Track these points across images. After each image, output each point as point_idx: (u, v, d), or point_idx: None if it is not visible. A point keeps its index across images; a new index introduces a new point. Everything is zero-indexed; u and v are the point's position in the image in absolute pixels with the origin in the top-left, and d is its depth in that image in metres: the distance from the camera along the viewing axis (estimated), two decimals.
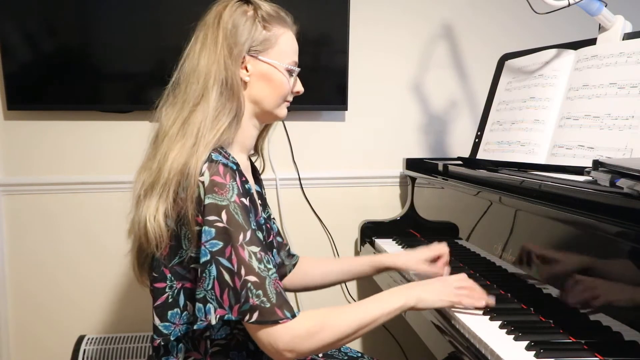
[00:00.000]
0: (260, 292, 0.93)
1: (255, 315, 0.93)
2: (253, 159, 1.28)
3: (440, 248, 1.33)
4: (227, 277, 0.94)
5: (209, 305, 0.95)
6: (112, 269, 1.96)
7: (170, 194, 0.97)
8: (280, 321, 0.93)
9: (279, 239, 1.34)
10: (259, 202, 1.20)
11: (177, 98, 1.05)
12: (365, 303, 1.04)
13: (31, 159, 1.89)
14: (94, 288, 1.96)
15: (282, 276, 1.33)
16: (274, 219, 1.33)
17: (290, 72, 1.11)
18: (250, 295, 0.93)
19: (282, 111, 1.14)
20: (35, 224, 1.92)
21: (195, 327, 0.97)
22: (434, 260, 1.32)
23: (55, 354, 1.94)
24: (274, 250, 1.24)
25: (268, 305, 0.93)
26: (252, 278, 0.94)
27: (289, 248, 1.37)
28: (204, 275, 0.95)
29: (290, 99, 1.15)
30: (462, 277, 1.13)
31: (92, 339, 1.84)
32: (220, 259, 0.94)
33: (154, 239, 0.98)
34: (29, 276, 1.93)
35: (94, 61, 1.84)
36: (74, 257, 1.94)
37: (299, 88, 1.16)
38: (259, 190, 1.26)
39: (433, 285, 1.11)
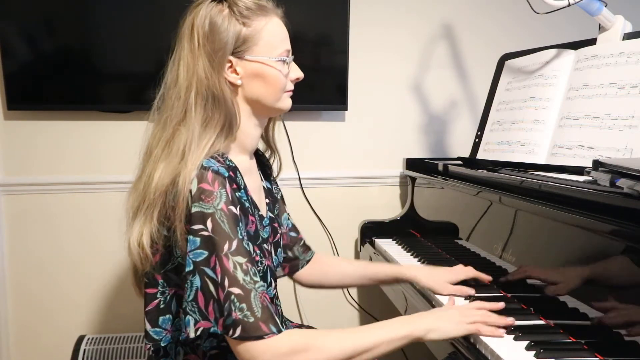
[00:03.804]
0: (244, 305, 0.89)
1: (238, 331, 0.89)
2: (268, 156, 1.25)
3: (467, 271, 1.27)
4: (211, 288, 0.90)
5: (188, 317, 0.92)
6: (112, 269, 1.96)
7: (154, 215, 0.95)
8: (265, 336, 0.89)
9: (292, 234, 1.33)
10: (266, 200, 1.17)
11: (161, 115, 1.01)
12: (363, 328, 0.99)
13: (31, 159, 1.89)
14: (94, 288, 1.96)
15: (293, 270, 1.33)
16: (289, 214, 1.32)
17: (282, 62, 1.04)
18: (233, 308, 0.89)
19: (286, 103, 1.08)
20: (35, 224, 1.92)
21: (181, 338, 0.95)
22: (458, 283, 1.25)
23: (55, 354, 1.94)
24: (279, 249, 1.23)
25: (252, 319, 0.89)
26: (236, 290, 0.89)
27: (304, 242, 1.35)
28: (187, 285, 0.92)
29: (291, 87, 1.09)
30: (479, 306, 1.07)
31: (92, 339, 1.84)
32: (205, 269, 0.91)
33: (139, 262, 0.97)
34: (29, 276, 1.93)
35: (94, 61, 1.84)
36: (74, 257, 1.94)
37: (298, 74, 1.09)
38: (269, 187, 1.23)
39: (449, 312, 1.03)
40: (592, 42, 1.42)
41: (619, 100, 1.25)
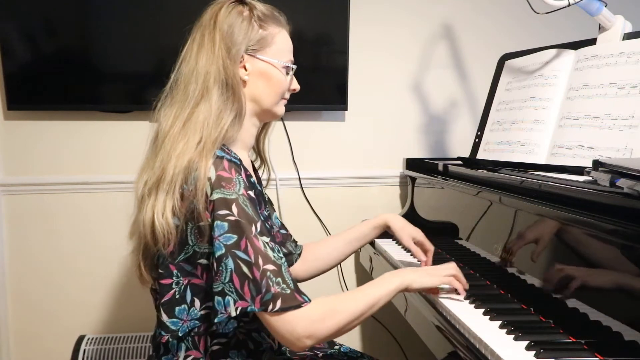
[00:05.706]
0: (279, 279, 0.96)
1: (278, 303, 0.94)
2: (256, 164, 1.28)
3: (429, 245, 1.39)
4: (245, 269, 0.95)
5: (228, 297, 0.96)
6: (112, 269, 1.96)
7: (176, 191, 0.98)
8: (302, 305, 0.96)
9: (283, 231, 1.35)
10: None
11: (175, 99, 1.06)
12: (366, 287, 1.07)
13: (31, 159, 1.89)
14: (94, 288, 1.96)
15: (289, 265, 1.34)
16: (275, 212, 1.35)
17: (287, 69, 1.14)
18: (271, 283, 0.95)
19: (280, 109, 1.16)
20: (35, 224, 1.92)
21: (216, 320, 0.98)
22: (420, 245, 1.38)
23: (55, 354, 1.94)
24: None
25: (288, 291, 0.96)
26: (270, 267, 0.96)
27: (293, 237, 1.39)
28: (221, 268, 0.96)
29: (287, 96, 1.17)
30: (451, 265, 1.16)
31: (92, 339, 1.84)
32: (237, 252, 0.96)
33: (162, 236, 0.98)
34: (29, 276, 1.93)
35: (94, 61, 1.84)
36: (73, 256, 1.94)
37: (296, 85, 1.18)
38: (260, 188, 1.26)
39: (424, 269, 1.18)
40: (592, 42, 1.42)
41: (619, 100, 1.25)
